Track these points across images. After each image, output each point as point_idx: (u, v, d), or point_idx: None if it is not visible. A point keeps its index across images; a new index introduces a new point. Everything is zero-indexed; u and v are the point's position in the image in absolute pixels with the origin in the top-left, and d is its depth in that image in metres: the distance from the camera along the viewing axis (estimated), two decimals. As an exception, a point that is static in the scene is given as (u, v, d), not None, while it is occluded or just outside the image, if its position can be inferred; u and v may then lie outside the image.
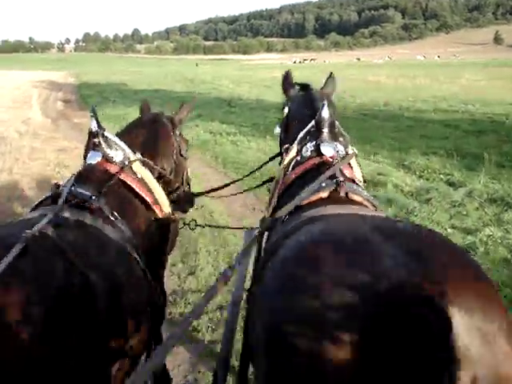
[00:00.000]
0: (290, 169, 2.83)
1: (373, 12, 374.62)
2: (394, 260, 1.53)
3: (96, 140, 2.96)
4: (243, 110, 22.00)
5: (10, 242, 1.96)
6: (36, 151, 13.53)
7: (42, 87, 42.66)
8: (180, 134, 3.70)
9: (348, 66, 77.40)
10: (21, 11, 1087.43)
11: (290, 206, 2.39)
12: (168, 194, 3.34)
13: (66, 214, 2.42)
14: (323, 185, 2.44)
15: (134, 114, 21.53)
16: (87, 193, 2.64)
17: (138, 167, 3.06)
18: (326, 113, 2.81)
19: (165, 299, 3.09)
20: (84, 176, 2.84)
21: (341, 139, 2.85)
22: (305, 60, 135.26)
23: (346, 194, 2.41)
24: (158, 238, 3.14)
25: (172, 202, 3.38)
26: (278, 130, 3.52)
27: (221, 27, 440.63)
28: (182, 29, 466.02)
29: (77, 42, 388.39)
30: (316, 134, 2.82)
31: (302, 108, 3.26)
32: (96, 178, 2.84)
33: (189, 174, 3.85)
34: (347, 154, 2.76)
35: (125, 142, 3.09)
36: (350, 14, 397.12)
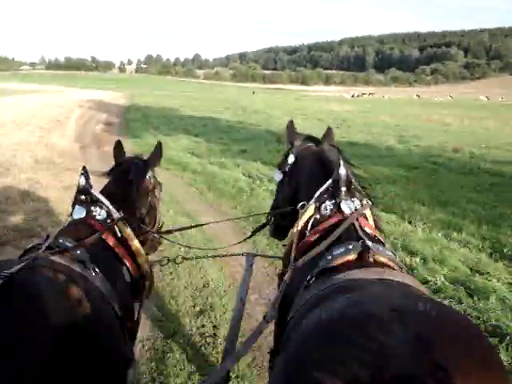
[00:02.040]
0: (310, 226, 2.88)
1: (435, 49, 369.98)
2: (403, 348, 1.52)
3: (82, 197, 3.13)
4: (292, 150, 19.26)
5: None
6: (38, 188, 11.28)
7: (87, 107, 41.44)
8: (154, 177, 3.76)
9: (408, 103, 74.61)
10: (85, 29, 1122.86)
11: (318, 268, 2.47)
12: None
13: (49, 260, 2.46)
14: (350, 247, 2.48)
15: (169, 144, 18.39)
16: (69, 244, 2.74)
17: (120, 226, 3.15)
18: (343, 171, 2.87)
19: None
20: (70, 230, 2.96)
21: (357, 195, 2.91)
22: (363, 94, 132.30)
23: (373, 255, 2.44)
24: (131, 292, 3.19)
25: (141, 243, 3.41)
26: (278, 175, 3.59)
27: (281, 57, 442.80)
28: (242, 56, 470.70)
29: (139, 63, 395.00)
30: (334, 192, 2.88)
31: (313, 163, 3.29)
32: (80, 233, 2.94)
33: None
34: (363, 207, 2.84)
35: (107, 196, 3.23)
36: (411, 50, 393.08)
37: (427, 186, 12.45)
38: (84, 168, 3.23)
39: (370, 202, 2.94)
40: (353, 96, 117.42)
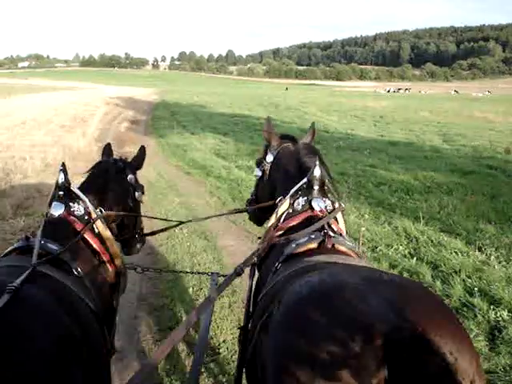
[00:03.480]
0: (282, 220, 3.05)
1: (472, 44, 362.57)
2: (379, 307, 1.71)
3: (61, 193, 3.09)
4: (328, 150, 17.55)
5: None
6: (36, 198, 9.96)
7: (115, 104, 40.60)
8: (136, 179, 3.73)
9: (446, 99, 71.91)
10: (120, 26, 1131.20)
11: (283, 255, 2.68)
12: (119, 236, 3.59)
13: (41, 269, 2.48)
14: (312, 236, 2.70)
15: (195, 144, 16.42)
16: (55, 247, 2.74)
17: (98, 223, 3.15)
18: (317, 171, 3.04)
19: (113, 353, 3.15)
20: (50, 230, 2.91)
21: (329, 195, 3.14)
22: (399, 89, 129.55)
23: (333, 244, 2.66)
24: (110, 290, 3.22)
25: (122, 244, 3.71)
26: (258, 172, 3.74)
27: (314, 52, 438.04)
28: (275, 52, 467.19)
29: (172, 60, 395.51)
30: (308, 191, 3.06)
31: (291, 161, 3.42)
32: (62, 234, 2.94)
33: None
34: (334, 208, 3.01)
35: (87, 194, 3.22)
36: (447, 44, 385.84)
37: (488, 197, 10.69)
38: (63, 164, 3.20)
39: (343, 206, 3.11)
40: (388, 91, 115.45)
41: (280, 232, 2.98)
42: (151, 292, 6.42)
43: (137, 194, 3.72)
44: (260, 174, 3.71)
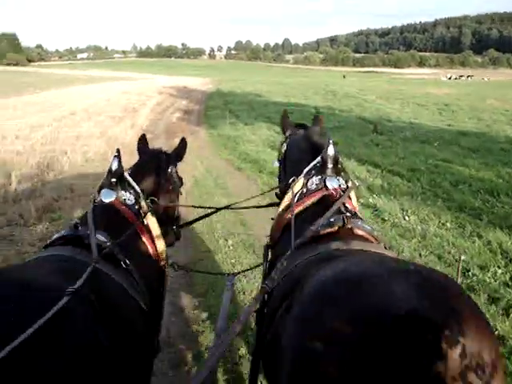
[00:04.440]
0: (296, 200, 3.01)
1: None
2: (404, 298, 1.66)
3: (113, 180, 3.03)
4: (394, 141, 16.10)
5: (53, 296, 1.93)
6: (65, 200, 8.88)
7: (169, 94, 39.79)
8: (176, 172, 3.63)
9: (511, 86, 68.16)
10: (176, 17, 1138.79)
11: (302, 238, 2.59)
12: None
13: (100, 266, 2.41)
14: (332, 220, 2.65)
15: (247, 135, 18.79)
16: (104, 239, 2.66)
17: (149, 216, 3.10)
18: (331, 150, 3.03)
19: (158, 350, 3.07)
20: (100, 218, 2.81)
21: (342, 174, 3.11)
22: (461, 76, 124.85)
23: (352, 229, 2.62)
24: (157, 284, 3.20)
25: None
26: (276, 164, 3.79)
27: (372, 40, 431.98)
28: (332, 40, 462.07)
29: (228, 49, 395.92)
30: (321, 169, 3.04)
31: (302, 144, 3.46)
32: (113, 223, 2.88)
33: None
34: (347, 187, 3.01)
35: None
36: (511, 30, 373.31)
37: None
38: (118, 151, 3.16)
39: (355, 183, 3.25)
40: (449, 78, 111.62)
41: (295, 212, 2.91)
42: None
43: (176, 186, 3.64)
44: (278, 164, 3.76)
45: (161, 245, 3.16)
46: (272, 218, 3.25)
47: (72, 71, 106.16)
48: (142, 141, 3.70)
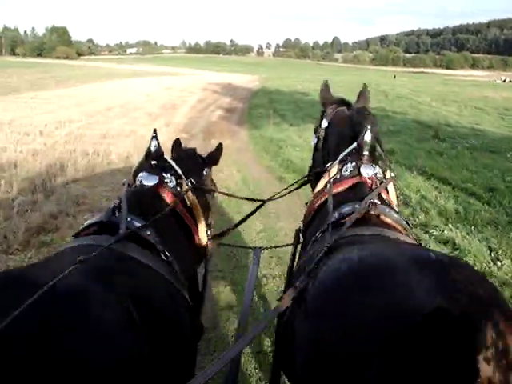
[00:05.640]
0: (328, 186, 2.89)
1: None
2: (422, 289, 1.55)
3: (154, 162, 2.90)
4: (459, 150, 14.09)
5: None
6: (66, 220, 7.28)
7: (212, 91, 38.39)
8: (210, 175, 3.54)
9: None
10: (225, 14, 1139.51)
11: (325, 225, 2.47)
12: None
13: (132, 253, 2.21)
14: (357, 206, 2.51)
15: (293, 138, 16.86)
16: (140, 224, 2.43)
17: (189, 195, 2.99)
18: (368, 136, 2.86)
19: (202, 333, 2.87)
20: (139, 203, 2.64)
21: (380, 162, 2.89)
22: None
23: (379, 216, 2.48)
24: (197, 266, 3.15)
25: None
26: (314, 139, 3.57)
27: (423, 40, 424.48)
28: (382, 39, 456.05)
29: (277, 47, 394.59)
30: (357, 156, 2.88)
31: (343, 126, 3.25)
32: (152, 208, 2.65)
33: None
34: (385, 177, 2.83)
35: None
36: None
37: None
38: (155, 131, 3.04)
39: (393, 175, 2.93)
40: (504, 81, 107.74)
41: (324, 198, 2.80)
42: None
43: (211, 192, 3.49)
44: (315, 140, 3.53)
45: (203, 228, 3.02)
46: (306, 203, 3.15)
47: (119, 65, 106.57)
48: (177, 146, 3.46)
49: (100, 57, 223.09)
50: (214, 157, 3.51)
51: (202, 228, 3.02)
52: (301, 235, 3.08)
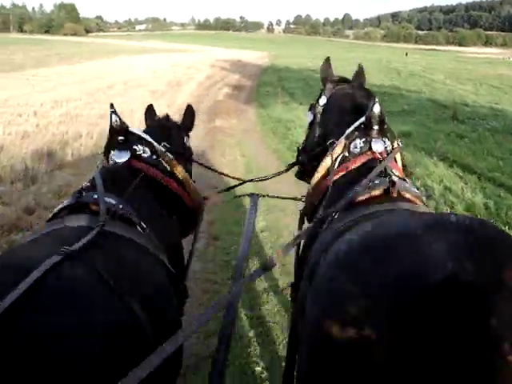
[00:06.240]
0: (337, 164, 2.74)
1: None
2: (438, 255, 1.42)
3: (121, 137, 2.70)
4: (480, 133, 13.11)
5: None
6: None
7: (220, 67, 37.52)
8: (188, 143, 3.37)
9: None
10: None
11: (342, 203, 2.33)
12: None
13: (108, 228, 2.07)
14: (376, 182, 2.39)
15: (302, 118, 14.29)
16: (114, 201, 2.28)
17: (168, 161, 2.80)
18: (377, 108, 2.70)
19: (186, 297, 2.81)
20: (113, 180, 2.48)
21: (388, 135, 2.77)
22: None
23: (399, 192, 2.35)
24: (187, 227, 3.13)
25: None
26: (309, 116, 3.34)
27: (436, 17, 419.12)
28: (394, 16, 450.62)
29: (287, 23, 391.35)
30: (366, 131, 2.73)
31: (345, 101, 3.09)
32: (126, 182, 2.52)
33: None
34: (393, 148, 2.72)
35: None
36: None
37: None
38: (111, 105, 2.69)
39: (400, 144, 2.78)
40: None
41: (336, 177, 2.65)
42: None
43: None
44: (311, 117, 3.29)
45: (193, 188, 2.89)
46: (309, 183, 2.92)
47: (127, 42, 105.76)
48: (149, 112, 3.33)
49: (108, 33, 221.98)
50: (187, 122, 3.36)
51: (192, 189, 2.89)
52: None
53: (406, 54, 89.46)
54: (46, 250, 1.67)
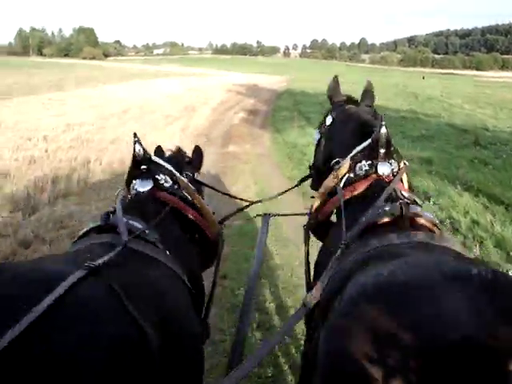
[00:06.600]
0: (342, 185, 2.72)
1: None
2: (453, 313, 1.38)
3: (144, 166, 2.75)
4: (505, 159, 12.55)
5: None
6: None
7: (236, 92, 37.37)
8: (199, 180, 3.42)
9: None
10: (251, 15, 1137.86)
11: (354, 230, 2.26)
12: None
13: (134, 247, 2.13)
14: (387, 208, 2.31)
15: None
16: (140, 226, 2.33)
17: (189, 190, 2.86)
18: (384, 130, 2.66)
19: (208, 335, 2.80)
20: (137, 208, 2.55)
21: (395, 156, 2.73)
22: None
23: (412, 218, 2.27)
24: (208, 259, 3.14)
25: None
26: (316, 135, 3.44)
27: (452, 41, 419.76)
28: (410, 40, 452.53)
29: (304, 48, 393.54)
30: (372, 152, 2.69)
31: (351, 122, 3.08)
32: (149, 208, 2.60)
33: None
34: (400, 169, 2.68)
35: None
36: None
37: None
38: (135, 135, 2.79)
39: (406, 163, 2.75)
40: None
41: (345, 198, 2.60)
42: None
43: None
44: (318, 136, 3.38)
45: (211, 218, 2.92)
46: (312, 197, 3.06)
47: (144, 66, 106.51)
48: (158, 151, 3.24)
49: (127, 58, 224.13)
50: (196, 162, 3.39)
51: (210, 217, 2.91)
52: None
53: (423, 78, 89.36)
54: (71, 264, 1.67)
